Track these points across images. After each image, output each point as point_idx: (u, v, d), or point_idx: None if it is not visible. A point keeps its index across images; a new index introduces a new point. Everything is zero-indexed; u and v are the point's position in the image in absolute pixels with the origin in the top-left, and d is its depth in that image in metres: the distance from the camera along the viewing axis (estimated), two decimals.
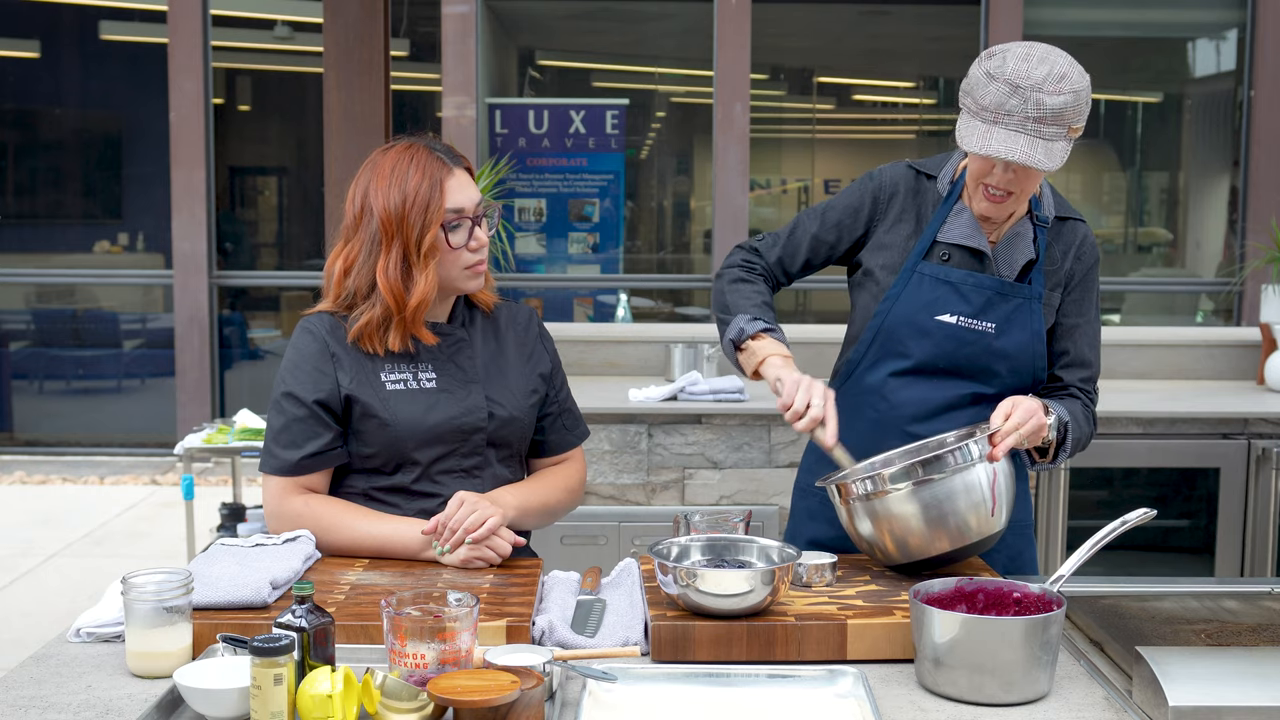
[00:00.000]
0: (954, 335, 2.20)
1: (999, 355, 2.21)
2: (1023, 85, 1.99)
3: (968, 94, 2.08)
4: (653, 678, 1.65)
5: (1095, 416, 2.30)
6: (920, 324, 2.21)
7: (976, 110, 2.04)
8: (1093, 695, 1.64)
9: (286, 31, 8.51)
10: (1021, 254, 2.22)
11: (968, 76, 2.09)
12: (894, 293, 2.23)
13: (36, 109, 8.74)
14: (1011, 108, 2.00)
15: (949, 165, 2.29)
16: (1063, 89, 2.00)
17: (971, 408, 2.23)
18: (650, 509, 4.02)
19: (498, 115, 7.78)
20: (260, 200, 8.97)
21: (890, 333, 2.23)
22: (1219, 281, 7.96)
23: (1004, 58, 2.03)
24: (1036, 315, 2.21)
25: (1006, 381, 2.22)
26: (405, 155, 2.11)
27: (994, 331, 2.20)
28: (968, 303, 2.20)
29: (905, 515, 1.94)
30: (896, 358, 2.24)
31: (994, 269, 2.21)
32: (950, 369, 2.22)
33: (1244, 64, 7.73)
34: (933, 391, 2.22)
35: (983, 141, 2.02)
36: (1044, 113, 1.99)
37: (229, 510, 4.91)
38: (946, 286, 2.20)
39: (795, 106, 8.86)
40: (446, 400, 2.14)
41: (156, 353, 8.31)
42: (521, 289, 7.85)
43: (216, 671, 1.56)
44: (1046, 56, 2.02)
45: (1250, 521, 4.00)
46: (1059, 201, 2.29)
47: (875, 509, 1.96)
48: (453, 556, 2.02)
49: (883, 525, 1.96)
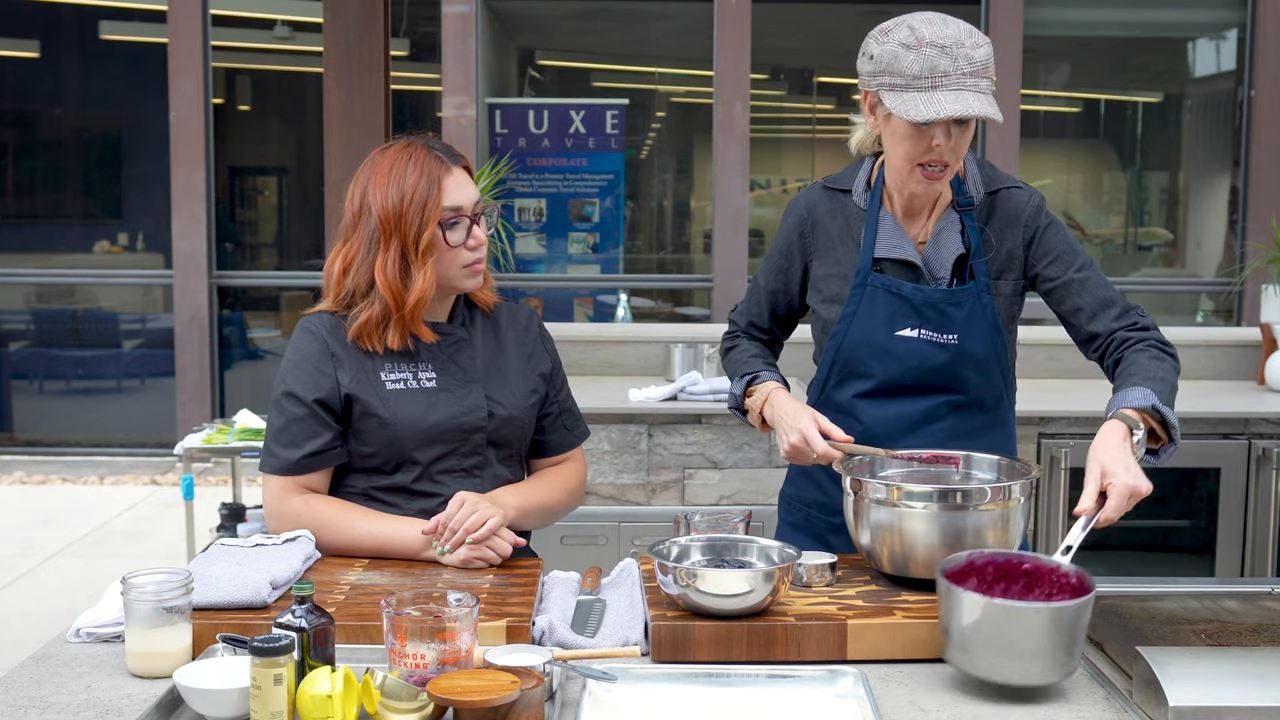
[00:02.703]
0: (917, 350, 2.14)
1: (968, 363, 2.15)
2: (948, 45, 1.96)
3: (883, 73, 2.01)
4: (653, 678, 1.65)
5: (1162, 340, 2.09)
6: (880, 343, 2.15)
7: (906, 83, 1.98)
8: (1093, 695, 1.64)
9: (286, 31, 8.51)
10: (949, 250, 2.15)
11: (871, 60, 2.03)
12: (848, 312, 2.17)
13: (36, 109, 8.74)
14: (945, 68, 1.96)
15: (859, 176, 2.24)
16: (979, 42, 1.98)
17: (951, 416, 2.18)
18: (650, 509, 4.02)
19: (498, 115, 7.78)
20: (260, 200, 8.97)
21: (850, 353, 2.18)
22: (1219, 281, 7.96)
23: (909, 28, 1.99)
24: (989, 308, 2.15)
25: (979, 384, 2.18)
26: (404, 154, 2.12)
27: (958, 340, 2.14)
28: (925, 318, 2.14)
29: (919, 534, 1.86)
30: (859, 379, 2.18)
31: (927, 277, 2.15)
32: (918, 384, 2.16)
33: (1244, 64, 7.73)
34: (905, 408, 2.17)
35: (931, 107, 1.96)
36: (975, 66, 1.97)
37: (229, 510, 4.91)
38: (900, 300, 2.14)
39: (795, 106, 8.87)
40: (446, 400, 2.14)
41: (156, 353, 8.31)
42: (521, 289, 7.85)
43: (216, 671, 1.56)
44: (945, 18, 2.00)
45: (1250, 521, 4.00)
46: (989, 175, 2.20)
47: (888, 518, 1.89)
48: (453, 557, 2.02)
49: (893, 536, 1.88)
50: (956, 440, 2.17)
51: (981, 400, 2.20)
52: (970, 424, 2.20)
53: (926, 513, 1.85)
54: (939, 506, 1.85)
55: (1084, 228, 8.55)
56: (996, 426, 2.24)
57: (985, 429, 2.22)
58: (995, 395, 2.22)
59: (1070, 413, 3.91)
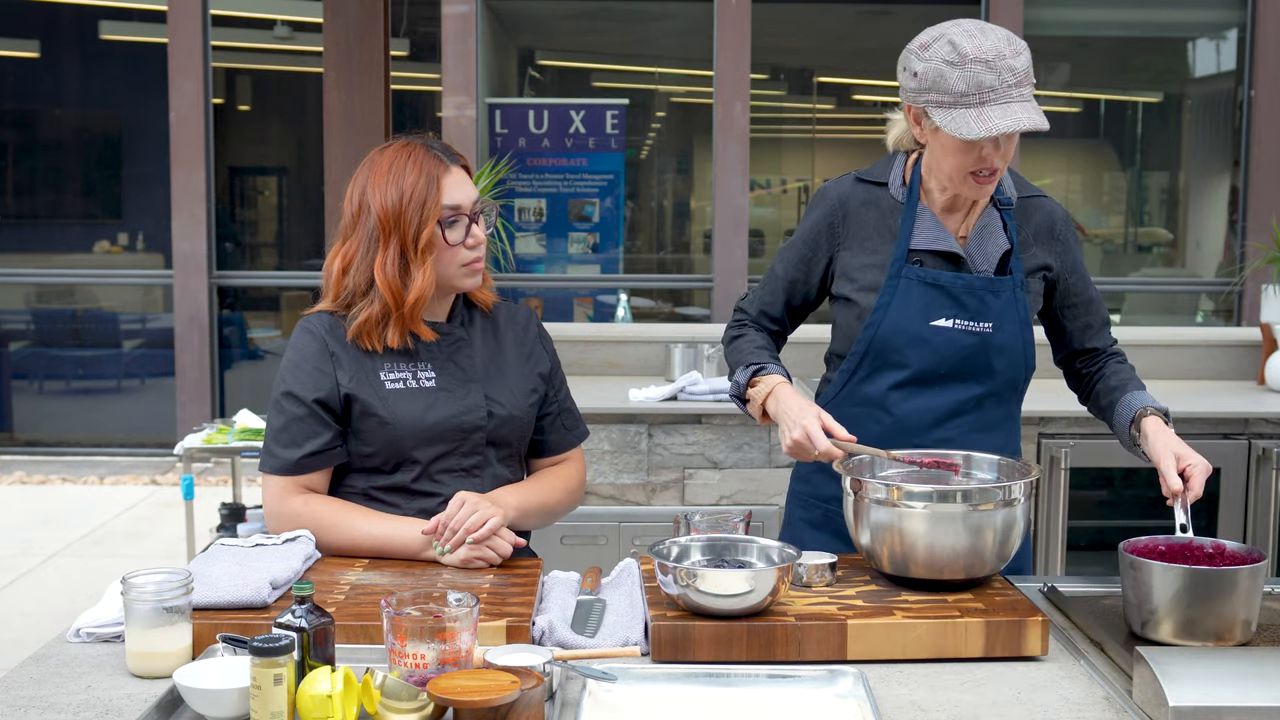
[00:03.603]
0: (952, 340, 2.18)
1: (997, 352, 2.20)
2: (991, 59, 1.98)
3: (929, 90, 2.03)
4: (653, 678, 1.65)
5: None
6: (915, 331, 2.18)
7: (954, 100, 2.00)
8: (1093, 695, 1.64)
9: (286, 31, 8.51)
10: (996, 245, 2.20)
11: (915, 77, 2.05)
12: (883, 302, 2.19)
13: (36, 109, 8.74)
14: (992, 83, 1.98)
15: (895, 170, 2.25)
16: (1018, 49, 2.01)
17: (975, 411, 2.21)
18: (650, 509, 4.02)
19: (498, 115, 7.78)
20: (260, 200, 8.97)
21: (884, 343, 2.19)
22: (1219, 281, 7.96)
23: (949, 44, 2.01)
24: (1022, 304, 2.20)
25: (1005, 375, 2.22)
26: (402, 153, 2.12)
27: (992, 330, 2.18)
28: (963, 306, 2.17)
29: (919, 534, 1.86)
30: (893, 369, 2.20)
31: (972, 268, 2.19)
32: (950, 374, 2.20)
33: (1244, 64, 7.73)
34: (936, 399, 2.20)
35: (983, 124, 1.99)
36: (1019, 76, 1.99)
37: (229, 510, 4.91)
38: (937, 290, 2.18)
39: (795, 106, 8.86)
40: (446, 399, 2.14)
41: (156, 353, 8.31)
42: (521, 289, 7.85)
43: (216, 671, 1.56)
44: (982, 26, 2.02)
45: (1250, 521, 4.00)
46: (1019, 181, 2.27)
47: (888, 518, 1.89)
48: (453, 557, 2.02)
49: (893, 536, 1.88)
50: (980, 434, 2.21)
51: (1003, 392, 2.24)
52: (993, 416, 2.24)
53: (926, 513, 1.86)
54: (939, 506, 1.86)
55: (1084, 228, 8.55)
56: (1011, 420, 2.29)
57: (1004, 421, 2.27)
58: (1016, 389, 2.27)
59: (1070, 413, 3.91)
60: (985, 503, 1.87)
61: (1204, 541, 1.87)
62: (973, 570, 1.88)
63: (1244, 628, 1.75)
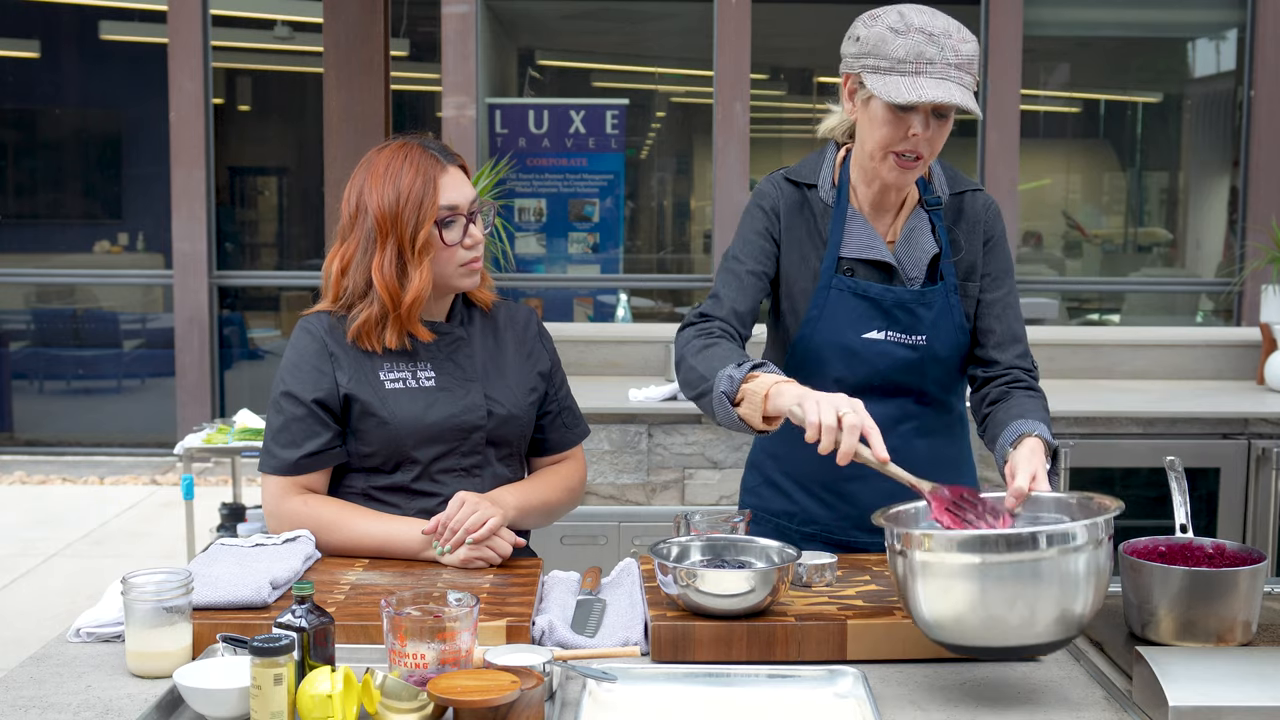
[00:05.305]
0: (885, 352, 2.12)
1: (933, 362, 2.14)
2: (936, 34, 1.95)
3: (868, 55, 1.98)
4: (653, 678, 1.65)
5: (1043, 392, 2.13)
6: (847, 344, 2.12)
7: (890, 66, 1.96)
8: (1093, 695, 1.64)
9: (286, 31, 8.51)
10: (924, 250, 2.13)
11: (857, 42, 2.01)
12: (813, 315, 2.13)
13: (36, 109, 8.75)
14: (932, 55, 1.94)
15: (825, 169, 2.18)
16: (966, 37, 1.97)
17: (917, 418, 2.16)
18: (650, 509, 4.02)
19: (498, 115, 7.78)
20: (260, 200, 8.97)
21: (816, 355, 2.13)
22: (1219, 281, 7.96)
23: (898, 13, 1.97)
24: (957, 309, 2.14)
25: (942, 382, 2.17)
26: (399, 153, 2.12)
27: (926, 341, 2.12)
28: (894, 319, 2.11)
29: (975, 592, 1.54)
30: (828, 380, 2.10)
31: (902, 277, 2.12)
32: (885, 385, 2.13)
33: (1244, 64, 7.73)
34: (874, 409, 1.83)
35: (914, 91, 1.94)
36: (961, 59, 1.95)
37: (229, 510, 4.91)
38: (866, 302, 2.11)
39: (795, 106, 8.87)
40: (445, 399, 2.14)
41: (156, 353, 8.31)
42: (521, 289, 7.85)
43: (216, 671, 1.56)
44: (936, 11, 1.99)
45: (1250, 521, 4.00)
46: (952, 176, 2.19)
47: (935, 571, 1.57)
48: (453, 556, 2.02)
49: (948, 594, 1.57)
50: (923, 439, 2.16)
51: (944, 400, 2.20)
52: (935, 423, 2.19)
53: (1021, 565, 1.52)
54: (1046, 552, 1.54)
55: (1084, 228, 8.55)
56: (959, 424, 2.25)
57: (948, 426, 2.22)
58: (959, 393, 2.23)
59: (1070, 413, 3.91)
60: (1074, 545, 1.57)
61: (1204, 542, 1.87)
62: (1064, 632, 1.59)
63: (1244, 628, 1.75)
